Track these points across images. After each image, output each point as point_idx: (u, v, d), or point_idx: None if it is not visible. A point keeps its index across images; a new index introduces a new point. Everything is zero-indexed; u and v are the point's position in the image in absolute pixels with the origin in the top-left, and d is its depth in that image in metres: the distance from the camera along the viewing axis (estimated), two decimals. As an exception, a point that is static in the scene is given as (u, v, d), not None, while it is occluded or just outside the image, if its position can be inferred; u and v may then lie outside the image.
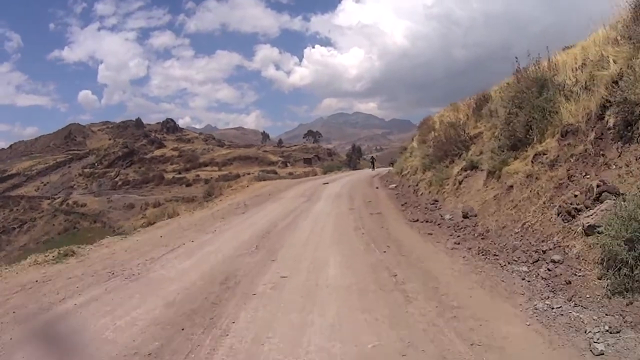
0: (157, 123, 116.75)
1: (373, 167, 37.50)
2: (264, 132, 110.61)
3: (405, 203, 9.51)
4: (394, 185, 13.55)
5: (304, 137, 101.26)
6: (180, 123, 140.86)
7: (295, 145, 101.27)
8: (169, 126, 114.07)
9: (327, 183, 17.89)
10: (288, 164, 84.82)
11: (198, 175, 74.66)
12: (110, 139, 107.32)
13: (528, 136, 5.77)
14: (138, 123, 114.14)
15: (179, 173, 75.99)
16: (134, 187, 73.88)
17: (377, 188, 13.82)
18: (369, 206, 9.65)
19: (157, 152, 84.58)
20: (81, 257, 6.09)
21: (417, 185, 11.15)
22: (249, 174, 78.54)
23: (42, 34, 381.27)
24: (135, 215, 62.49)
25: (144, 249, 6.52)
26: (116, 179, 76.47)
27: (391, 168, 26.02)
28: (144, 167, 79.72)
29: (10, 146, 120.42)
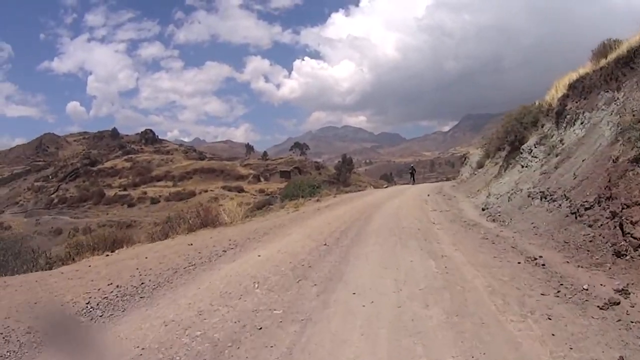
0: (136, 134, 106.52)
1: (413, 181, 28.55)
2: (247, 144, 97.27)
3: None
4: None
5: (290, 150, 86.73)
6: (169, 136, 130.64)
7: (281, 158, 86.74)
8: (148, 137, 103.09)
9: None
10: (262, 179, 69.97)
11: (145, 193, 60.85)
12: (83, 150, 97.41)
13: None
14: (114, 133, 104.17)
15: (125, 189, 62.43)
16: (70, 206, 60.83)
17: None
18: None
19: (108, 164, 71.73)
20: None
21: None
22: (206, 191, 64.11)
23: (33, 44, 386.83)
24: (60, 244, 49.31)
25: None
26: (52, 196, 63.89)
27: (452, 182, 20.35)
28: (88, 181, 66.88)
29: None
